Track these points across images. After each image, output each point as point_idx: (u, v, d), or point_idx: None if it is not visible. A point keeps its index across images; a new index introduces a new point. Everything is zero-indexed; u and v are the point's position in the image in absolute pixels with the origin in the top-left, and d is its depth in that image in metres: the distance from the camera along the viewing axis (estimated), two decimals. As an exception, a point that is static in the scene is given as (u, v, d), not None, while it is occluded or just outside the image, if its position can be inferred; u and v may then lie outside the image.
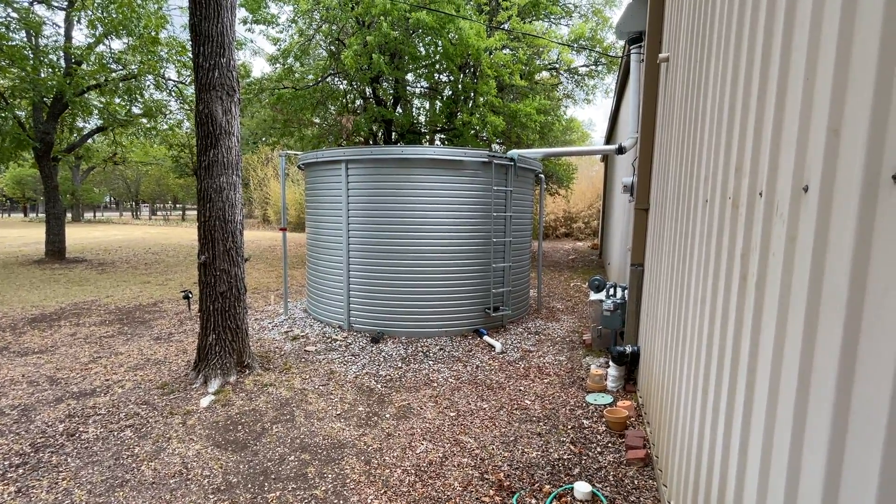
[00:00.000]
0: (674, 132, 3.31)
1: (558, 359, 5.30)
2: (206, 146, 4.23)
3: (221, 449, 3.32)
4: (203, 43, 4.15)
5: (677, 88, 3.24)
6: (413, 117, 13.50)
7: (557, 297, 8.75)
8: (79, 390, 4.32)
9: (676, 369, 2.67)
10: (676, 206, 3.02)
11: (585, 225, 21.68)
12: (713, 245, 2.05)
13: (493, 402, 4.16)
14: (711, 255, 2.07)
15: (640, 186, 4.45)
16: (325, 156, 5.99)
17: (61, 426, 3.64)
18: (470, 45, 9.31)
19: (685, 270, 2.64)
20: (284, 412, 3.88)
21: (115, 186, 43.83)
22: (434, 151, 5.68)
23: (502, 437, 3.56)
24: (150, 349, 5.51)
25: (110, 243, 17.96)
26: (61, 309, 7.45)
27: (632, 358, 4.38)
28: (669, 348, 2.94)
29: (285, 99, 11.11)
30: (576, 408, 4.08)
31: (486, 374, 4.82)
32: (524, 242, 6.81)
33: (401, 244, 5.75)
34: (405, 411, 3.97)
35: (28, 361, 5.11)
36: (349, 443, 3.44)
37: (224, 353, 4.39)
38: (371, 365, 4.98)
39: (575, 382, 4.64)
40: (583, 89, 14.18)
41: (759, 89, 1.56)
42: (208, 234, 4.30)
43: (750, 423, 1.50)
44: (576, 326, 6.64)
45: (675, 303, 2.84)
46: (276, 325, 6.41)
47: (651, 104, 4.32)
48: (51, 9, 11.31)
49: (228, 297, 4.40)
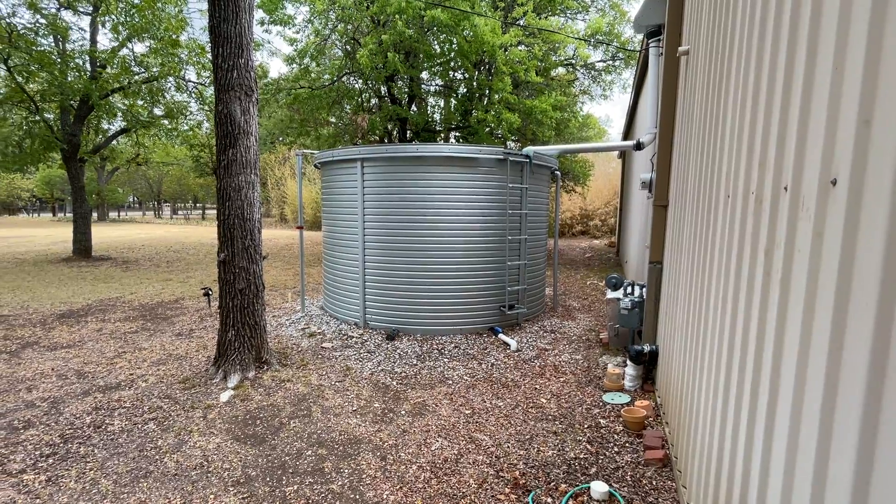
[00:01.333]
0: (694, 127, 3.24)
1: (574, 357, 5.25)
2: (224, 146, 4.30)
3: (240, 443, 3.38)
4: (222, 44, 4.21)
5: (698, 82, 3.16)
6: (428, 115, 13.52)
7: (573, 295, 8.67)
8: (105, 384, 4.45)
9: (696, 369, 2.62)
10: (697, 202, 2.96)
11: (602, 222, 21.41)
12: (735, 242, 1.99)
13: (509, 401, 4.14)
14: (733, 253, 2.02)
15: (658, 182, 4.37)
16: (341, 154, 6.03)
17: (88, 418, 3.75)
18: (485, 41, 9.26)
19: (706, 268, 2.58)
20: (301, 407, 3.93)
21: (138, 187, 45.00)
22: (449, 149, 5.67)
23: (518, 436, 3.54)
24: (172, 345, 5.64)
25: (134, 242, 18.45)
26: (88, 305, 7.68)
27: (650, 357, 4.31)
28: (689, 347, 2.88)
29: (301, 99, 11.24)
30: (592, 407, 4.04)
31: (501, 372, 4.80)
32: (540, 240, 6.75)
33: (416, 242, 5.76)
34: (420, 408, 3.98)
35: (57, 356, 5.29)
36: (365, 438, 3.47)
37: (243, 349, 4.47)
38: (386, 362, 5.02)
39: (591, 381, 4.59)
40: (599, 85, 13.99)
41: (784, 79, 1.51)
42: (227, 232, 4.37)
43: (774, 424, 1.46)
44: (592, 325, 6.57)
45: (695, 301, 2.78)
46: (293, 322, 6.50)
47: (670, 98, 4.23)
48: (77, 14, 11.63)
49: (247, 294, 4.48)
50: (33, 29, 10.96)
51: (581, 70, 13.26)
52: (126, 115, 12.95)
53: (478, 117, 10.32)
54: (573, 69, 13.59)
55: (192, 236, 21.32)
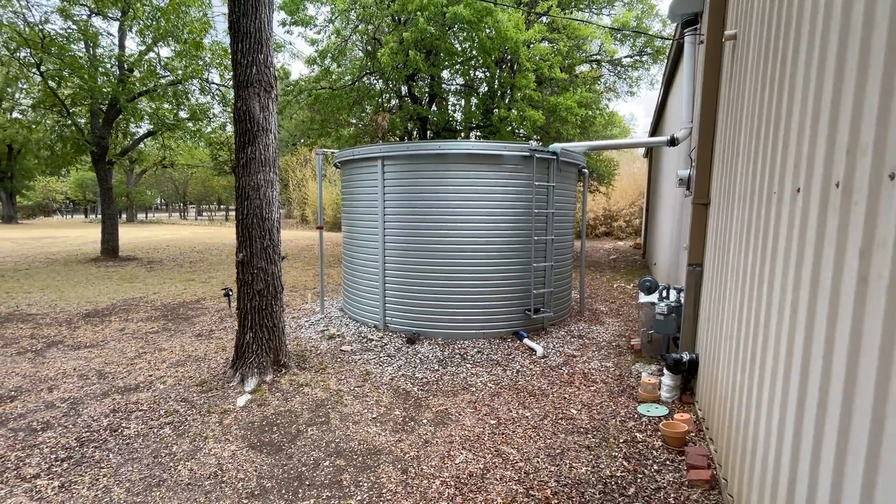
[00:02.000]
0: (744, 116, 2.96)
1: (605, 365, 4.97)
2: (243, 143, 4.20)
3: (256, 451, 3.25)
4: (241, 39, 4.12)
5: (749, 66, 2.88)
6: (449, 115, 13.35)
7: (600, 298, 8.34)
8: (124, 385, 4.40)
9: (753, 385, 2.35)
10: (749, 198, 2.68)
11: (627, 223, 20.86)
12: (810, 242, 1.73)
13: (536, 410, 3.91)
14: (807, 254, 1.76)
15: (698, 179, 4.08)
16: (361, 153, 5.90)
17: (105, 421, 3.68)
18: (508, 38, 9.03)
19: (764, 272, 2.31)
20: (319, 414, 3.78)
21: (165, 189, 46.25)
22: (472, 146, 5.47)
23: (547, 449, 3.31)
24: (192, 346, 5.60)
25: (159, 242, 18.83)
26: (112, 305, 7.76)
27: (689, 366, 4.01)
28: (743, 358, 2.60)
29: (322, 99, 11.21)
30: (627, 419, 3.77)
31: (527, 379, 4.57)
32: (566, 241, 6.48)
33: (437, 243, 5.58)
34: (443, 417, 3.78)
35: (80, 355, 5.29)
36: (385, 449, 3.29)
37: (261, 352, 4.36)
38: (407, 367, 4.84)
39: (624, 391, 4.31)
40: (626, 81, 13.58)
41: (888, 39, 1.26)
42: (246, 231, 4.27)
43: (876, 471, 1.20)
44: (622, 330, 6.26)
45: (750, 309, 2.51)
46: (312, 324, 6.39)
47: (712, 88, 3.94)
48: (106, 19, 11.89)
49: (265, 296, 4.37)
50: (66, 35, 11.25)
51: (607, 66, 12.88)
52: (153, 117, 13.20)
53: (500, 115, 10.09)
54: (598, 66, 13.23)
55: (216, 237, 21.67)
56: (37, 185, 38.87)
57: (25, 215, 40.94)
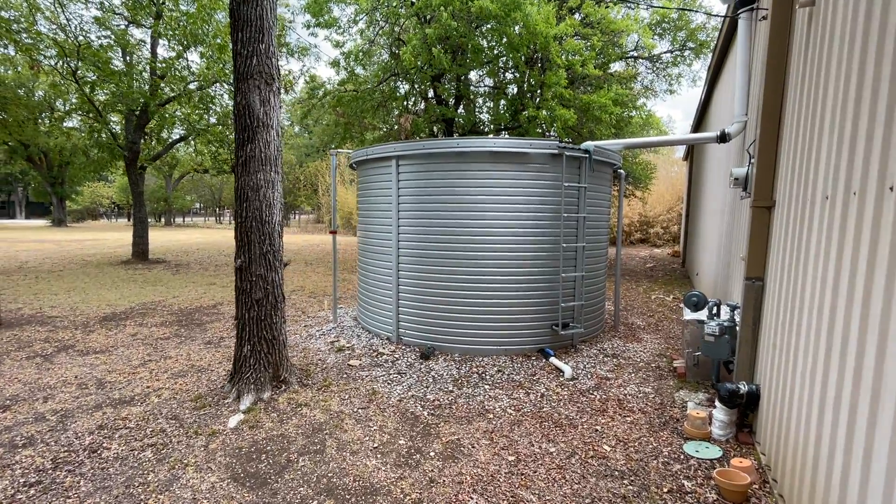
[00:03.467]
0: (829, 97, 2.36)
1: (643, 390, 4.36)
2: (243, 140, 3.89)
3: (238, 484, 2.86)
4: (242, 28, 3.81)
5: (836, 33, 2.29)
6: (476, 116, 12.90)
7: (636, 311, 7.64)
8: (119, 397, 4.15)
9: (850, 439, 1.76)
10: (838, 197, 2.09)
11: (664, 230, 19.77)
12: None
13: (563, 445, 3.36)
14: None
15: (759, 178, 3.45)
16: (375, 152, 5.52)
17: (88, 439, 3.40)
18: (538, 32, 8.51)
19: (865, 291, 1.73)
20: (315, 441, 3.37)
21: (202, 193, 47.87)
22: (495, 143, 4.99)
23: (574, 497, 2.77)
24: (198, 354, 5.34)
25: (190, 246, 19.21)
26: (131, 308, 7.69)
27: (747, 400, 3.37)
28: (830, 399, 2.01)
29: (345, 101, 10.99)
30: (671, 461, 3.17)
31: (552, 405, 4.02)
32: (600, 248, 5.88)
33: (456, 249, 5.11)
34: (453, 449, 3.30)
35: (86, 362, 5.12)
36: (383, 488, 2.84)
37: (259, 367, 4.01)
38: (418, 386, 4.38)
39: (667, 424, 3.70)
40: (665, 80, 12.74)
41: None
42: (244, 235, 3.94)
43: None
44: (661, 349, 5.59)
45: (843, 335, 1.92)
46: (323, 334, 6.04)
47: (778, 70, 3.32)
48: (140, 27, 12.13)
49: (264, 306, 4.02)
50: (106, 47, 11.50)
51: (644, 63, 12.12)
52: (184, 122, 13.39)
53: (529, 115, 9.55)
54: (634, 63, 12.48)
55: (246, 241, 21.93)
56: (85, 191, 40.99)
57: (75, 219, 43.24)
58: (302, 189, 33.77)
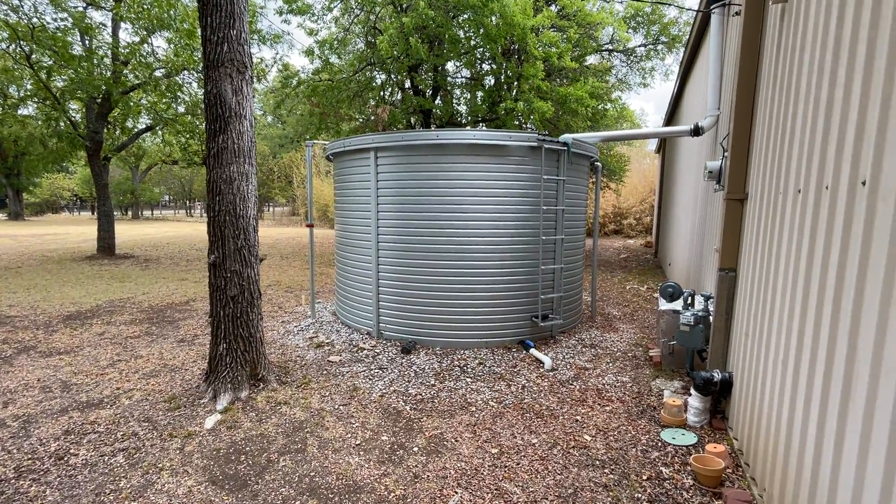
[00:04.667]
0: (801, 94, 2.42)
1: (620, 379, 4.45)
2: (214, 131, 3.73)
3: (217, 487, 2.79)
4: (211, 13, 3.64)
5: (809, 27, 2.35)
6: (453, 108, 12.82)
7: (612, 301, 7.80)
8: (86, 399, 3.97)
9: (822, 424, 1.83)
10: (810, 191, 2.15)
11: (637, 221, 20.23)
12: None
13: (544, 436, 3.41)
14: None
15: (732, 171, 3.53)
16: (353, 143, 5.41)
17: (54, 445, 3.25)
18: (515, 24, 8.48)
19: (837, 281, 1.79)
20: (296, 440, 3.31)
21: (172, 185, 46.19)
22: (474, 135, 4.96)
23: (557, 488, 2.81)
24: (171, 353, 5.17)
25: (160, 240, 18.54)
26: (97, 306, 7.37)
27: (721, 387, 3.48)
28: (802, 385, 2.08)
29: (320, 91, 10.73)
30: (649, 448, 3.26)
31: (533, 396, 4.07)
32: (577, 241, 5.95)
33: (436, 242, 5.08)
34: (437, 444, 3.30)
35: (49, 363, 4.89)
36: (367, 486, 2.82)
37: (236, 365, 3.90)
38: (400, 381, 4.36)
39: (644, 412, 3.80)
40: (638, 73, 12.94)
41: None
42: (218, 230, 3.81)
43: None
44: (637, 338, 5.73)
45: (815, 325, 1.99)
46: (301, 330, 5.93)
47: (750, 65, 3.39)
48: (99, 9, 11.50)
49: (240, 302, 3.90)
50: (64, 30, 10.84)
51: (619, 56, 12.26)
52: (150, 112, 12.81)
53: (506, 107, 9.54)
54: (609, 56, 12.60)
55: (218, 234, 21.32)
56: (44, 182, 38.95)
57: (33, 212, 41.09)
58: (276, 181, 33.00)
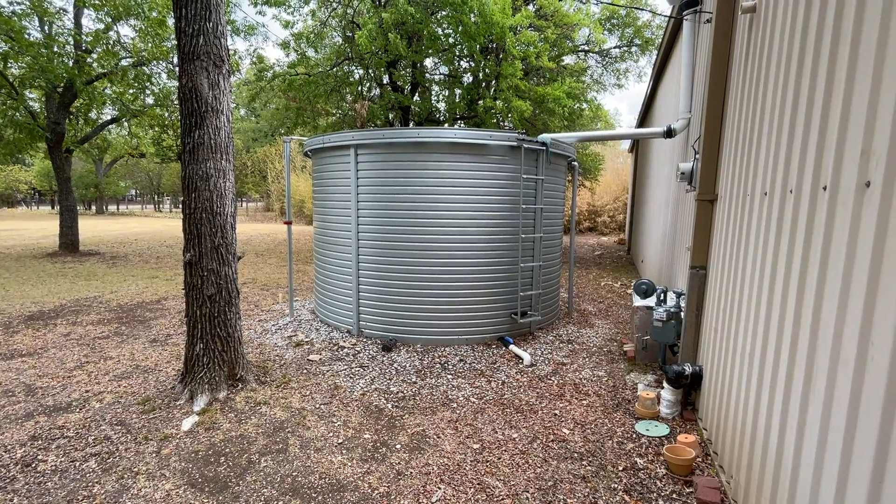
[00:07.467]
0: (768, 101, 2.55)
1: (597, 374, 4.59)
2: (190, 126, 3.64)
3: (196, 490, 2.74)
4: (186, 4, 3.54)
5: (776, 38, 2.47)
6: (432, 105, 12.80)
7: (588, 297, 7.99)
8: (53, 403, 3.83)
9: (785, 413, 1.95)
10: (776, 194, 2.27)
11: (611, 219, 20.69)
12: (890, 249, 1.32)
13: (524, 431, 3.49)
14: (886, 264, 1.35)
15: (704, 173, 3.68)
16: (333, 140, 5.36)
17: (20, 451, 3.12)
18: (494, 22, 8.53)
19: (800, 279, 1.90)
20: (277, 440, 3.29)
21: (139, 179, 44.49)
22: (455, 134, 4.99)
23: (538, 481, 2.88)
24: (143, 354, 5.02)
25: (127, 236, 17.87)
26: (61, 306, 7.07)
27: (691, 380, 3.63)
28: (767, 377, 2.21)
29: (297, 85, 10.54)
30: (625, 440, 3.38)
31: (513, 392, 4.15)
32: (555, 239, 6.07)
33: (416, 240, 5.10)
34: (419, 440, 3.33)
35: (11, 366, 4.67)
36: (350, 484, 2.83)
37: (213, 366, 3.83)
38: (381, 379, 4.36)
39: (620, 405, 3.92)
40: (613, 74, 13.22)
41: None
42: (194, 228, 3.72)
43: None
44: (612, 334, 5.89)
45: (779, 320, 2.11)
46: (279, 328, 5.85)
47: (721, 71, 3.53)
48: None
49: (217, 301, 3.83)
50: (20, 15, 10.27)
51: (595, 57, 12.49)
52: (115, 102, 12.29)
53: (485, 105, 9.60)
54: (585, 57, 12.82)
55: (189, 231, 20.69)
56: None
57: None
58: (250, 175, 32.22)
